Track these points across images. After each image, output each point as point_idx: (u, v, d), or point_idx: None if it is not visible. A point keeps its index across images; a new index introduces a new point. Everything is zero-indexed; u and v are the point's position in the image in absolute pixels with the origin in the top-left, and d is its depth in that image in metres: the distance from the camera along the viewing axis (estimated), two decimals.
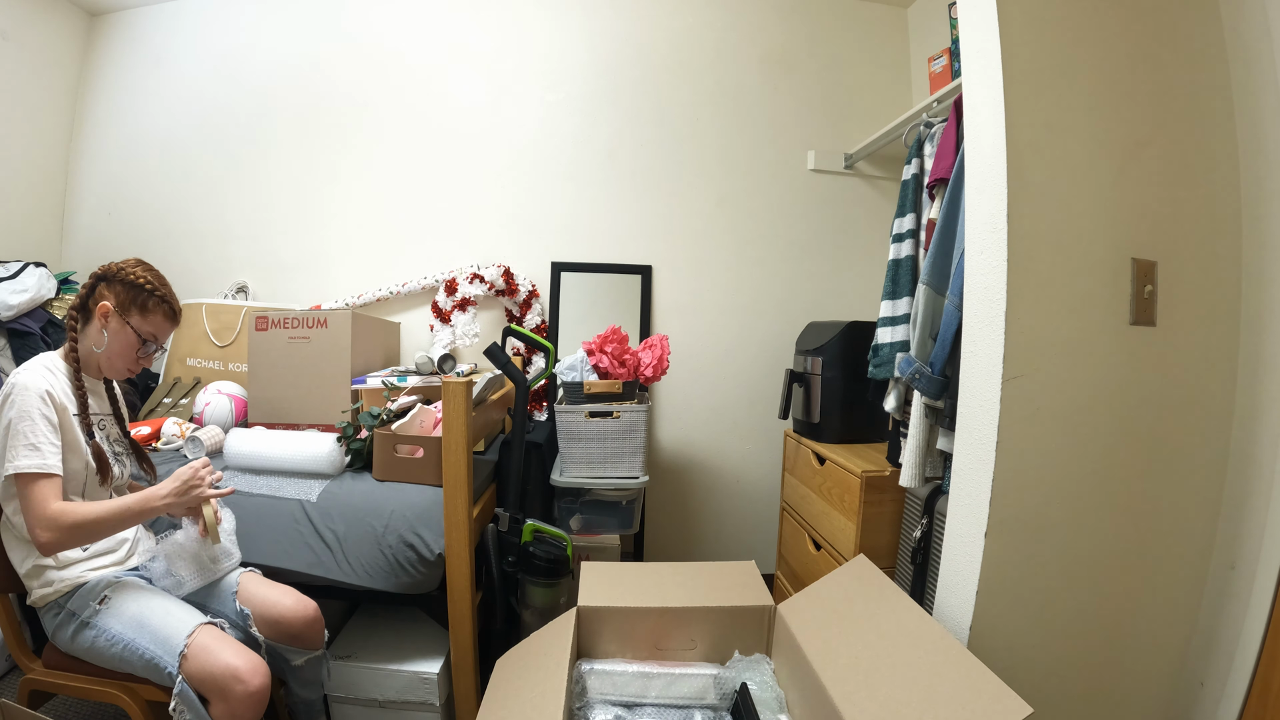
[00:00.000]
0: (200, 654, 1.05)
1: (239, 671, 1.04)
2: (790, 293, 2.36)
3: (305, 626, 1.25)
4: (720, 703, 1.15)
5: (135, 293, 1.21)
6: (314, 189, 2.30)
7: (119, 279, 1.21)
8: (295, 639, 1.25)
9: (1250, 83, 1.06)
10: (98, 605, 1.11)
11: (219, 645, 1.07)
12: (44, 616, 1.14)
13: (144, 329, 1.23)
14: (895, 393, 1.49)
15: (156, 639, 1.07)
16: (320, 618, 1.28)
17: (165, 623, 1.09)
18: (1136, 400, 1.06)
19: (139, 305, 1.22)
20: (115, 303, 1.20)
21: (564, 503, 1.72)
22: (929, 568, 1.33)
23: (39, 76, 2.18)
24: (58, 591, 1.12)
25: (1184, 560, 1.11)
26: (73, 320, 1.20)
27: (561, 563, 1.47)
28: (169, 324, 1.28)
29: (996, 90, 1.00)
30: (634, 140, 2.31)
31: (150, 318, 1.24)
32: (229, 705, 1.03)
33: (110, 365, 1.24)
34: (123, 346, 1.22)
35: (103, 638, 1.09)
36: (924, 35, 2.28)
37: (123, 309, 1.21)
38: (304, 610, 1.25)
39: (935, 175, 1.39)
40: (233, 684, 1.03)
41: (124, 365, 1.25)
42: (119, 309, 1.21)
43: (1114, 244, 1.04)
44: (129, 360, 1.25)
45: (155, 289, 1.23)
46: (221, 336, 2.10)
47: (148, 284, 1.22)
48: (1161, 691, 1.13)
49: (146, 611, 1.11)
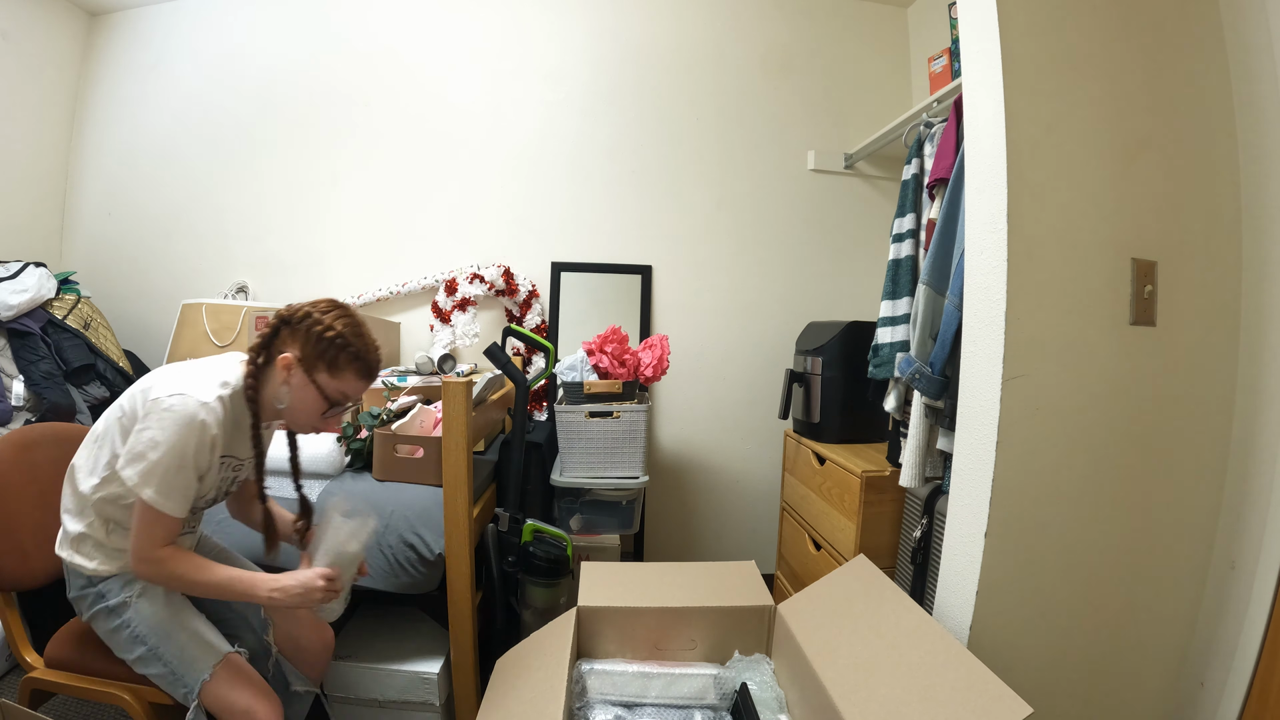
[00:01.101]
0: (222, 685, 1.03)
1: (256, 714, 1.03)
2: (790, 293, 2.36)
3: (321, 651, 1.27)
4: (720, 703, 1.15)
5: (323, 348, 1.02)
6: (314, 189, 2.30)
7: (304, 328, 1.02)
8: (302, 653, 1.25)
9: (1250, 83, 1.06)
10: (132, 598, 1.05)
11: (241, 681, 1.06)
12: (70, 580, 1.08)
13: (332, 389, 1.04)
14: (895, 393, 1.49)
15: (182, 656, 1.04)
16: (332, 648, 1.30)
17: (193, 642, 1.06)
18: (1136, 400, 1.06)
19: (327, 362, 1.02)
20: (299, 354, 1.02)
21: (564, 503, 1.72)
22: (929, 568, 1.33)
23: (39, 77, 2.18)
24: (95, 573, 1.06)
25: (1184, 560, 1.11)
26: (253, 363, 1.03)
27: (561, 563, 1.47)
28: (363, 383, 1.07)
29: (996, 90, 1.00)
30: (634, 140, 2.31)
31: (341, 377, 1.04)
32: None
33: (294, 421, 1.09)
34: (306, 405, 1.05)
35: (126, 632, 1.04)
36: (924, 35, 2.28)
37: (308, 364, 1.02)
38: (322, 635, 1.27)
39: (935, 175, 1.39)
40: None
41: (308, 424, 1.08)
42: (303, 363, 1.02)
43: (1114, 244, 1.03)
44: (313, 419, 1.07)
45: (348, 343, 1.03)
46: (221, 336, 2.10)
47: (338, 337, 1.02)
48: (1161, 691, 1.13)
49: (177, 625, 1.06)
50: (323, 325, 1.02)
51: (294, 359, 1.02)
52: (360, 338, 1.05)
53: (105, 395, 1.94)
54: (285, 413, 1.06)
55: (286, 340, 1.04)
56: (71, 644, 1.15)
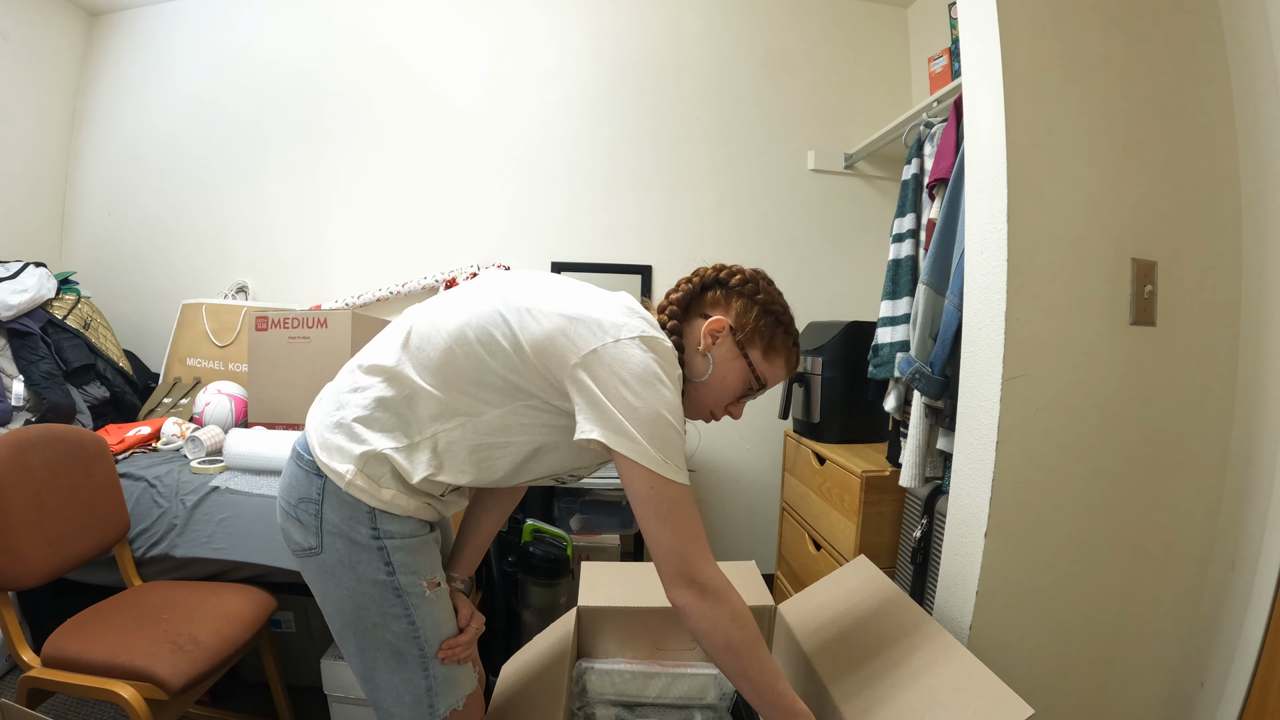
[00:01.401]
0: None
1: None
2: (790, 293, 2.31)
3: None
4: (720, 703, 1.15)
5: (770, 322, 0.87)
6: (314, 189, 2.30)
7: (745, 293, 0.87)
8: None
9: (1250, 83, 1.06)
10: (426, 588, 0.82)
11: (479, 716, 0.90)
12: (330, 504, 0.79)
13: (763, 371, 0.88)
14: (895, 393, 1.49)
15: (447, 674, 0.84)
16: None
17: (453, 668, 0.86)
18: (1136, 400, 1.06)
19: (765, 340, 0.87)
20: (736, 322, 0.87)
21: (564, 503, 1.72)
22: (929, 568, 1.33)
23: (39, 76, 2.18)
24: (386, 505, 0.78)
25: (1184, 560, 1.11)
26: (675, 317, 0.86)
27: (561, 563, 1.48)
28: (787, 372, 0.93)
29: (996, 90, 1.00)
30: (634, 140, 2.31)
31: (773, 361, 0.89)
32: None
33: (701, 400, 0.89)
34: (728, 383, 0.87)
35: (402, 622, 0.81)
36: (924, 35, 2.28)
37: (745, 336, 0.86)
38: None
39: (935, 175, 1.39)
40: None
41: (716, 405, 0.90)
42: (740, 333, 0.86)
43: (1114, 244, 1.03)
44: (724, 401, 0.89)
45: (790, 325, 0.89)
46: (221, 336, 2.10)
47: (784, 314, 0.89)
48: (1161, 691, 1.13)
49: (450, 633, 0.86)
50: (768, 297, 0.88)
51: (727, 324, 0.86)
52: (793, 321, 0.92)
53: (105, 395, 1.94)
54: (697, 388, 0.87)
55: (720, 301, 0.88)
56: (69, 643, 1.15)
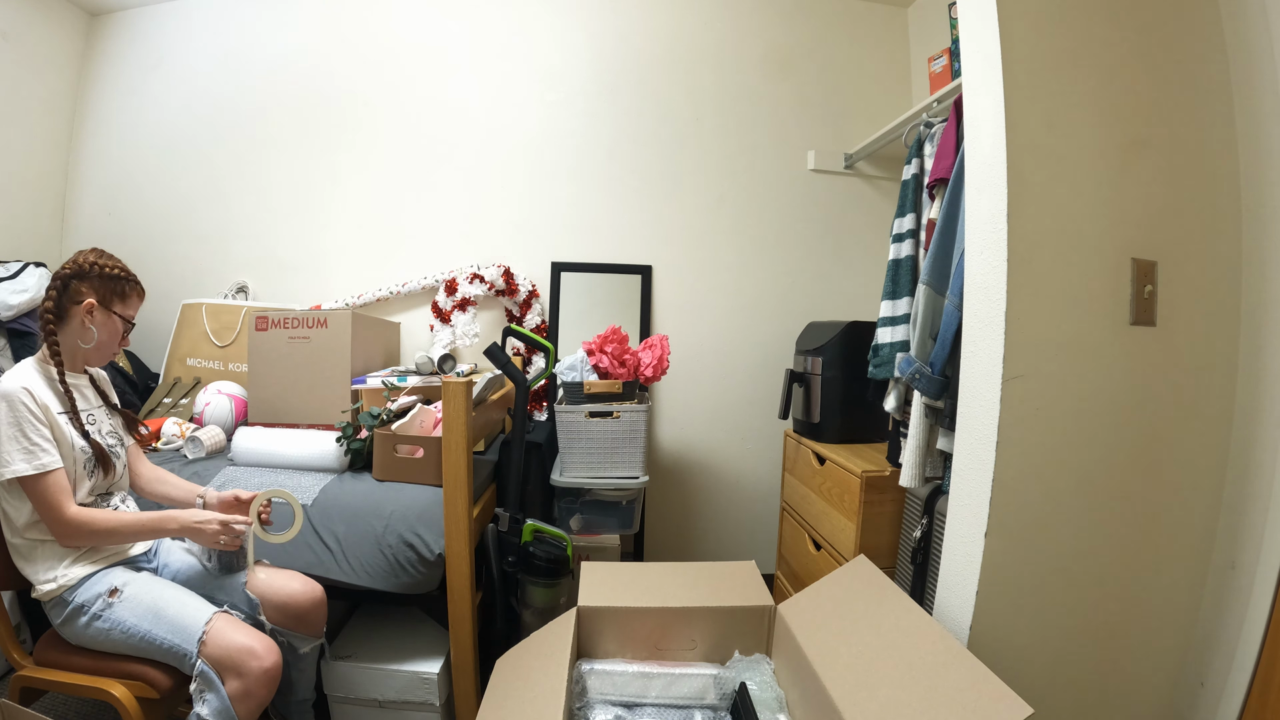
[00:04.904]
0: (217, 638, 1.11)
1: (255, 649, 1.11)
2: (790, 293, 2.36)
3: (312, 608, 1.30)
4: (720, 703, 1.15)
5: (115, 284, 1.25)
6: (314, 188, 2.30)
7: (94, 274, 1.23)
8: (301, 622, 1.28)
9: (1250, 83, 1.06)
10: (109, 599, 1.14)
11: (234, 628, 1.14)
12: (50, 610, 1.16)
13: (127, 314, 1.29)
14: (895, 393, 1.49)
15: (175, 628, 1.12)
16: (325, 601, 1.33)
17: (182, 613, 1.14)
18: (1136, 400, 1.06)
19: (119, 294, 1.26)
20: (97, 297, 1.23)
21: (564, 503, 1.72)
22: (929, 568, 1.33)
23: (39, 76, 2.18)
24: (62, 586, 1.14)
25: (1184, 560, 1.11)
26: (49, 323, 1.21)
27: (561, 563, 1.47)
28: (140, 302, 1.33)
29: (996, 90, 1.00)
30: (634, 140, 2.31)
31: (130, 302, 1.29)
32: (245, 682, 1.09)
33: (100, 355, 1.28)
34: (110, 336, 1.26)
35: (118, 630, 1.12)
36: (924, 35, 2.27)
37: (105, 301, 1.24)
38: (312, 592, 1.30)
39: (935, 175, 1.39)
40: (249, 660, 1.10)
41: (110, 352, 1.30)
42: (102, 302, 1.23)
43: (1114, 244, 1.04)
44: (114, 347, 1.29)
45: (127, 275, 1.28)
46: (221, 336, 2.10)
47: (121, 273, 1.26)
48: (1161, 691, 1.13)
49: (161, 603, 1.15)
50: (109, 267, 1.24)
51: (95, 302, 1.22)
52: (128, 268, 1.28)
53: None
54: (91, 351, 1.25)
55: (81, 290, 1.21)
56: (61, 641, 1.16)
